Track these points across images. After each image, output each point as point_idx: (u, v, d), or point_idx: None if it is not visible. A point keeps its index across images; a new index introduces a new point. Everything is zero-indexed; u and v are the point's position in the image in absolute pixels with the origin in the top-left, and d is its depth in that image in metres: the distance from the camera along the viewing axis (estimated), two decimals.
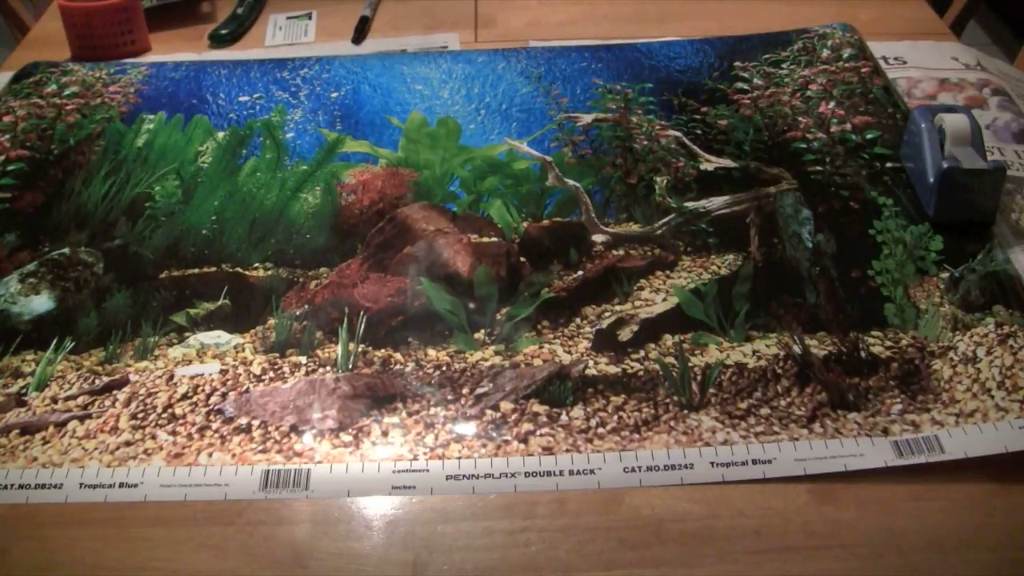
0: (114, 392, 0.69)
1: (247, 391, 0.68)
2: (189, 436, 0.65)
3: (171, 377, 0.70)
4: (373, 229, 0.82)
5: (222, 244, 0.83)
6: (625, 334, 0.72)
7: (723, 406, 0.66)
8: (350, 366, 0.70)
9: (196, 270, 0.81)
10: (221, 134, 0.95)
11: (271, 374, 0.70)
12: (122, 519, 0.60)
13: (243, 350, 0.72)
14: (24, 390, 0.70)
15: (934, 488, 0.60)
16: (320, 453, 0.63)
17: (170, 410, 0.67)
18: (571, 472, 0.62)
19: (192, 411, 0.67)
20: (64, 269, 0.80)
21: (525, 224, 0.83)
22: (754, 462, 0.62)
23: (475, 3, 1.19)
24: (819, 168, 0.87)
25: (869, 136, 0.90)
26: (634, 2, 1.18)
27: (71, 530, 0.60)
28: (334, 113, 0.98)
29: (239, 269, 0.81)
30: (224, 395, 0.68)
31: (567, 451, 0.63)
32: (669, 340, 0.71)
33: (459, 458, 0.63)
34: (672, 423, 0.65)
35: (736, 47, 1.05)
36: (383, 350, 0.71)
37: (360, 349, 0.72)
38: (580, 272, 0.78)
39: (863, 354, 0.69)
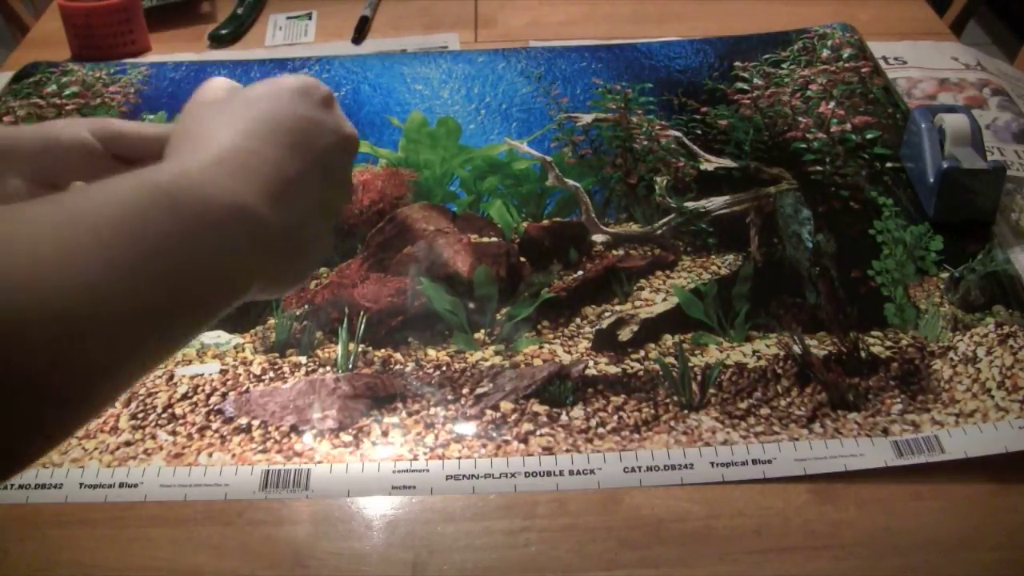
0: None
1: (247, 391, 0.68)
2: (189, 436, 0.65)
3: (171, 377, 0.70)
4: (373, 229, 0.82)
5: None
6: (625, 334, 0.72)
7: (723, 406, 0.66)
8: (350, 366, 0.70)
9: None
10: None
11: (271, 374, 0.70)
12: (122, 519, 0.60)
13: (243, 350, 0.72)
14: None
15: (934, 488, 0.60)
16: (320, 453, 0.63)
17: (170, 410, 0.67)
18: (571, 472, 0.62)
19: (192, 411, 0.67)
20: None
21: (525, 224, 0.83)
22: (754, 462, 0.62)
23: (475, 3, 1.19)
24: (819, 168, 0.87)
25: (869, 136, 0.90)
26: (634, 2, 1.18)
27: (71, 530, 0.60)
28: None
29: None
30: (224, 395, 0.68)
31: (567, 451, 0.63)
32: (669, 340, 0.71)
33: (459, 458, 0.63)
34: (672, 423, 0.65)
35: (736, 47, 1.05)
36: (383, 350, 0.71)
37: (360, 349, 0.71)
38: (580, 272, 0.78)
39: (863, 354, 0.69)
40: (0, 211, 0.32)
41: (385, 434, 0.65)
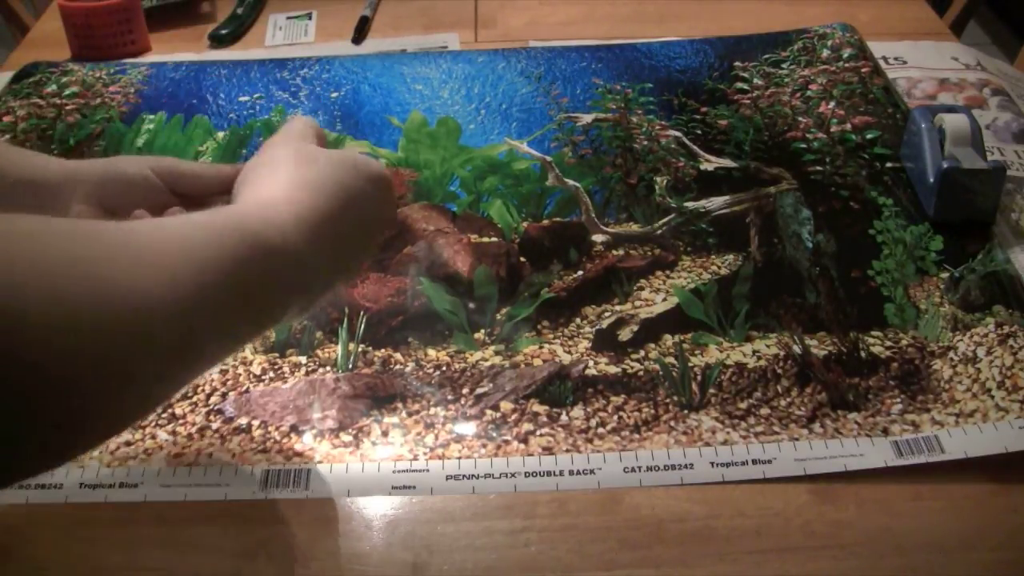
0: None
1: (247, 391, 0.68)
2: (189, 436, 0.65)
3: None
4: None
5: None
6: (625, 334, 0.72)
7: (723, 406, 0.66)
8: (350, 366, 0.70)
9: None
10: (221, 134, 0.95)
11: (271, 374, 0.70)
12: (122, 519, 0.60)
13: (243, 350, 0.72)
14: None
15: (934, 488, 0.60)
16: (320, 453, 0.63)
17: (170, 410, 0.67)
18: (571, 472, 0.62)
19: (192, 411, 0.67)
20: None
21: (525, 224, 0.83)
22: (754, 462, 0.62)
23: (475, 3, 1.19)
24: (819, 168, 0.87)
25: (869, 136, 0.90)
26: (634, 2, 1.18)
27: (71, 530, 0.60)
28: (334, 113, 0.98)
29: None
30: (224, 395, 0.68)
31: (567, 451, 0.63)
32: (669, 340, 0.71)
33: (459, 458, 0.63)
34: (672, 423, 0.65)
35: (736, 47, 1.05)
36: (383, 350, 0.71)
37: (360, 349, 0.72)
38: (580, 272, 0.78)
39: (863, 354, 0.69)
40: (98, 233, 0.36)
41: (385, 434, 0.65)
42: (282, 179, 0.49)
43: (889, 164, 0.87)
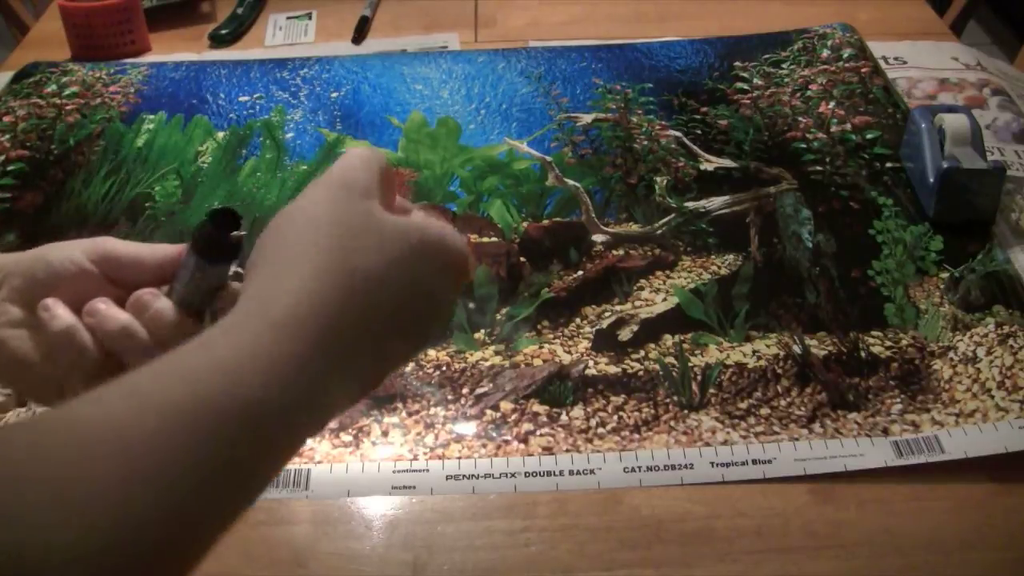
0: None
1: None
2: None
3: None
4: None
5: None
6: (625, 334, 0.72)
7: (723, 406, 0.66)
8: None
9: None
10: (221, 134, 0.95)
11: None
12: None
13: None
14: None
15: (934, 488, 0.60)
16: (320, 453, 0.63)
17: None
18: (571, 472, 0.62)
19: None
20: None
21: (525, 224, 0.83)
22: (754, 462, 0.62)
23: (475, 3, 1.19)
24: (819, 168, 0.87)
25: (869, 136, 0.90)
26: (634, 2, 1.18)
27: None
28: (334, 113, 0.98)
29: (240, 270, 0.80)
30: None
31: (567, 451, 0.63)
32: (669, 340, 0.71)
33: (459, 458, 0.63)
34: (672, 423, 0.65)
35: (736, 47, 1.05)
36: None
37: None
38: (580, 272, 0.78)
39: (863, 354, 0.69)
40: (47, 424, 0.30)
41: (385, 434, 0.65)
42: (307, 271, 0.36)
43: (889, 164, 0.87)
